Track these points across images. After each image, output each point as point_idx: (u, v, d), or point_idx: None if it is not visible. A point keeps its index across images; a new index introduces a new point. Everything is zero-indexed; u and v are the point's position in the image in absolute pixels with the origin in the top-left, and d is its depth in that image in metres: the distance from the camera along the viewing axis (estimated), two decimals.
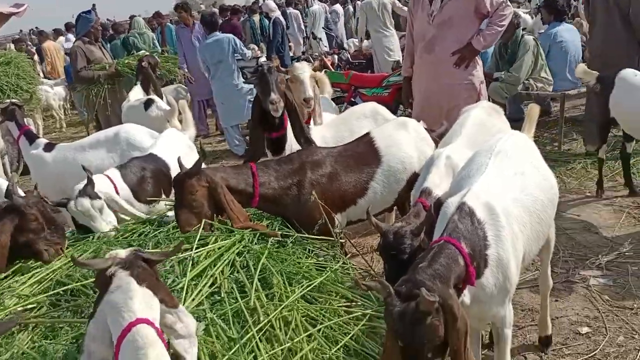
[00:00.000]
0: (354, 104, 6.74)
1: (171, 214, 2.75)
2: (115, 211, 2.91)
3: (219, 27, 7.53)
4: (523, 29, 6.90)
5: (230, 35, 7.40)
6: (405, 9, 7.82)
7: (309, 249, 2.63)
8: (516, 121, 3.80)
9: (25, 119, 4.41)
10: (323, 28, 12.28)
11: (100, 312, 1.42)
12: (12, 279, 2.38)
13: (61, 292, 2.18)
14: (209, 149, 7.90)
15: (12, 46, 12.46)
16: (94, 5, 14.53)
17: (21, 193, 2.53)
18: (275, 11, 10.46)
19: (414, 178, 3.01)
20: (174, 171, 3.17)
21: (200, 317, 1.86)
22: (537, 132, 4.85)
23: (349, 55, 10.24)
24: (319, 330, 2.00)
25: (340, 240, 2.84)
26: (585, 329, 2.96)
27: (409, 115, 4.30)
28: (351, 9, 14.37)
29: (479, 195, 1.99)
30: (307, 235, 2.69)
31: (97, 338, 1.41)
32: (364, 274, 2.86)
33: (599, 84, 4.48)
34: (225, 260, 2.26)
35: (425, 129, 3.33)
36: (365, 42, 10.14)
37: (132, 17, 10.64)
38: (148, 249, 2.45)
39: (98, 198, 2.81)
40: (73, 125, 11.28)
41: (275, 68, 3.31)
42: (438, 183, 2.58)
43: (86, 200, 2.76)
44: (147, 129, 4.01)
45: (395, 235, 2.22)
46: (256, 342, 1.85)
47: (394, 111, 6.52)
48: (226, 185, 2.65)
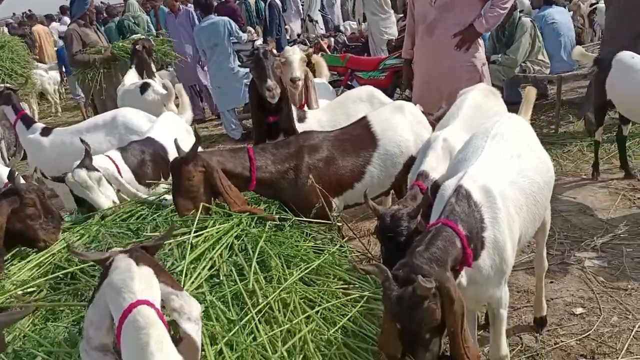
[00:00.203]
0: (350, 87, 6.72)
1: (169, 197, 2.76)
2: (116, 191, 2.92)
3: (214, 10, 7.45)
4: (520, 11, 6.87)
5: (226, 18, 7.32)
6: None
7: (307, 233, 2.64)
8: (513, 104, 3.80)
9: (20, 104, 4.39)
10: (319, 10, 12.16)
11: (100, 297, 1.42)
12: (10, 263, 2.40)
13: (61, 276, 2.19)
14: (205, 134, 7.87)
15: (6, 30, 12.33)
16: None
17: (21, 180, 2.53)
18: None
19: (410, 161, 3.02)
20: (172, 155, 3.17)
21: (200, 300, 1.88)
22: (534, 115, 4.84)
23: (346, 38, 10.18)
24: (317, 312, 2.02)
25: (337, 224, 2.85)
26: (579, 310, 2.99)
27: (405, 99, 4.28)
28: None
29: (476, 178, 1.99)
30: (305, 219, 2.70)
31: (95, 323, 1.41)
32: (361, 257, 2.88)
33: (596, 66, 4.48)
34: (223, 243, 2.27)
35: (422, 112, 3.33)
36: (364, 25, 10.08)
37: (127, 0, 10.50)
38: (146, 232, 2.46)
39: (96, 170, 2.81)
40: (68, 110, 11.23)
41: (271, 52, 3.29)
42: (435, 166, 2.59)
43: (83, 172, 2.76)
44: (145, 113, 4.00)
45: (392, 218, 2.23)
46: (255, 324, 1.87)
47: (391, 94, 6.51)
48: (223, 169, 2.65)
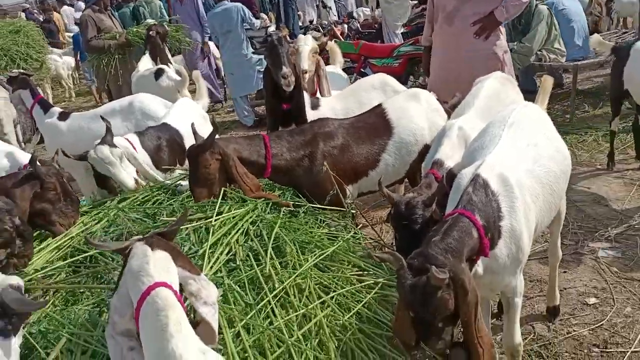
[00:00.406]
0: (363, 74, 6.70)
1: (185, 183, 2.79)
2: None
3: None
4: None
5: (239, 4, 7.30)
6: None
7: (321, 219, 2.65)
8: (527, 93, 3.76)
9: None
10: None
11: (122, 284, 1.46)
12: None
13: (80, 259, 2.23)
14: (217, 120, 7.85)
15: (23, 15, 12.39)
16: None
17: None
18: None
19: (425, 150, 3.01)
20: (188, 141, 3.19)
21: (218, 284, 1.90)
22: (549, 104, 4.78)
23: (359, 25, 10.11)
24: (332, 298, 2.04)
25: (351, 211, 2.86)
26: (592, 300, 2.99)
27: (419, 86, 4.26)
28: None
29: (493, 167, 1.99)
30: (319, 206, 2.71)
31: (119, 309, 1.45)
32: (374, 244, 2.89)
33: (614, 55, 4.42)
34: (239, 229, 2.29)
35: (437, 100, 3.31)
36: (377, 11, 10.00)
37: None
38: (163, 217, 2.49)
39: (117, 147, 2.87)
40: (82, 95, 11.30)
41: (284, 38, 3.28)
42: (450, 154, 2.58)
43: (105, 148, 2.83)
44: (161, 99, 4.02)
45: (407, 206, 2.24)
46: (272, 308, 1.90)
47: (405, 82, 6.48)
48: (238, 157, 2.67)
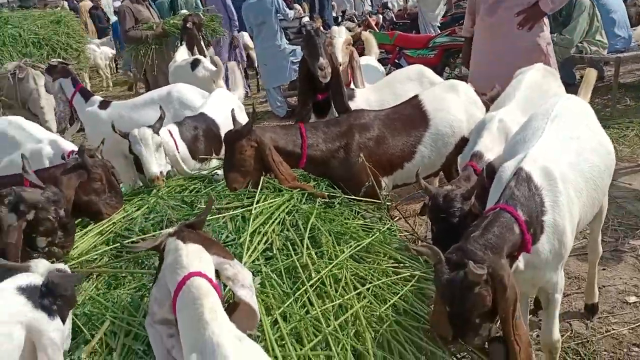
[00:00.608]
0: (398, 65, 6.64)
1: (220, 172, 2.82)
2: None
3: None
4: None
5: None
6: None
7: (356, 211, 2.65)
8: (567, 86, 3.66)
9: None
10: None
11: (161, 277, 1.53)
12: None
13: (122, 244, 2.28)
14: (250, 111, 7.93)
15: (66, 4, 12.69)
16: None
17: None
18: None
19: (462, 142, 2.97)
20: (224, 131, 3.22)
21: (255, 272, 1.93)
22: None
23: (393, 15, 10.00)
24: (368, 289, 2.03)
25: (387, 203, 2.85)
26: (633, 299, 2.92)
27: (455, 78, 4.20)
28: None
29: (537, 160, 1.95)
30: (354, 197, 2.70)
31: (159, 300, 1.52)
32: (409, 237, 2.87)
33: None
34: (275, 218, 2.31)
35: (475, 91, 3.26)
36: (410, 1, 9.88)
37: None
38: (200, 206, 2.52)
39: (159, 136, 2.96)
40: (119, 85, 11.53)
41: (320, 29, 3.27)
42: (490, 147, 2.54)
43: (149, 130, 2.92)
44: (198, 89, 4.06)
45: (445, 199, 2.22)
46: (308, 297, 1.91)
47: (440, 73, 6.39)
48: (275, 146, 2.68)
